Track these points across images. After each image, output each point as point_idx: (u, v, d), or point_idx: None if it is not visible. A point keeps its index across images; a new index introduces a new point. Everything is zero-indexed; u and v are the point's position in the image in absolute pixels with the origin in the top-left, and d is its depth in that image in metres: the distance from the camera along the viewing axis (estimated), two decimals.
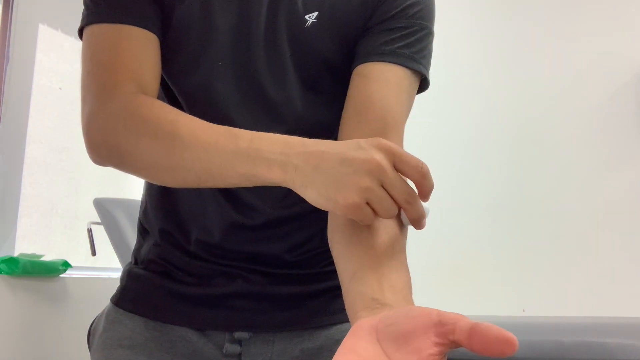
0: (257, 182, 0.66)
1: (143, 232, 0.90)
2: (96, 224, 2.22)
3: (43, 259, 2.15)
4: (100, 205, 2.11)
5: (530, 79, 2.60)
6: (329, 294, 0.86)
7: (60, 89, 2.55)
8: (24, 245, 2.34)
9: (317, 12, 0.80)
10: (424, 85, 0.83)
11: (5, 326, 2.01)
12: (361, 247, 0.63)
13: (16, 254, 2.17)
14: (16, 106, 2.34)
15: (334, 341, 0.85)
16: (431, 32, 0.83)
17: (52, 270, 2.13)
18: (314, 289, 0.86)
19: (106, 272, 2.51)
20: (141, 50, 0.76)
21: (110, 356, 0.81)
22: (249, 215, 0.83)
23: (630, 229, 2.38)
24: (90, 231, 2.28)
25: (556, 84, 2.55)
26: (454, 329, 0.43)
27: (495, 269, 2.54)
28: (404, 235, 0.67)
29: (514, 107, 2.61)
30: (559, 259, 2.45)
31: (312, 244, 0.86)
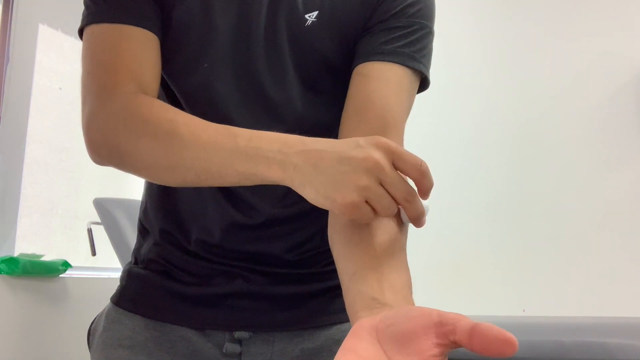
0: (257, 180, 0.66)
1: (143, 232, 0.90)
2: (96, 224, 2.22)
3: (43, 259, 2.15)
4: (100, 205, 2.11)
5: (530, 79, 2.60)
6: (329, 294, 0.86)
7: (60, 89, 2.55)
8: (24, 245, 2.35)
9: (317, 12, 0.80)
10: (424, 85, 0.83)
11: (5, 326, 2.01)
12: (361, 247, 0.63)
13: (16, 254, 2.17)
14: (16, 106, 2.34)
15: (334, 341, 0.85)
16: (431, 32, 0.83)
17: (52, 270, 2.13)
18: (314, 288, 0.86)
19: (106, 272, 2.51)
20: (141, 50, 0.76)
21: (110, 356, 0.81)
22: (248, 215, 0.83)
23: (630, 229, 2.37)
24: (90, 231, 2.29)
25: (556, 84, 2.55)
26: (455, 329, 0.43)
27: (495, 268, 2.54)
28: (404, 234, 0.67)
29: (514, 107, 2.61)
30: (559, 259, 2.45)
31: (312, 243, 0.86)
